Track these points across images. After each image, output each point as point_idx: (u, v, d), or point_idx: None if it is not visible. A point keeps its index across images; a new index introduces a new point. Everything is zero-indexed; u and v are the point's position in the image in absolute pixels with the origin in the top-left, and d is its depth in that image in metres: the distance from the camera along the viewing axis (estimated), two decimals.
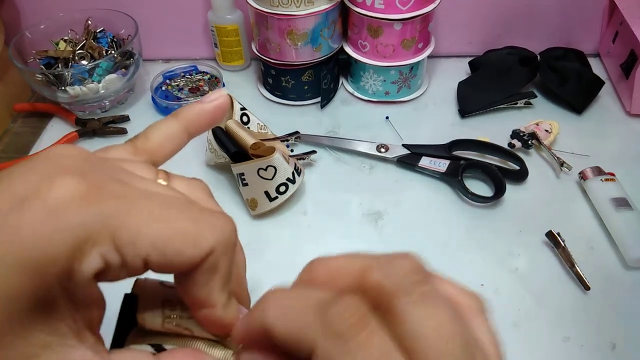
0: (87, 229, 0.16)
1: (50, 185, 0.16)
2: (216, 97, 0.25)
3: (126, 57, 0.58)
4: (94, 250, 0.16)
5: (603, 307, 0.39)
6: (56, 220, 0.15)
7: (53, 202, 0.15)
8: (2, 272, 0.14)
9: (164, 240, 0.17)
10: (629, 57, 0.55)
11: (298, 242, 0.44)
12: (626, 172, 0.48)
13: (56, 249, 0.15)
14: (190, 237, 0.17)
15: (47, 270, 0.15)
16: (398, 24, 0.52)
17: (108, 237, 0.16)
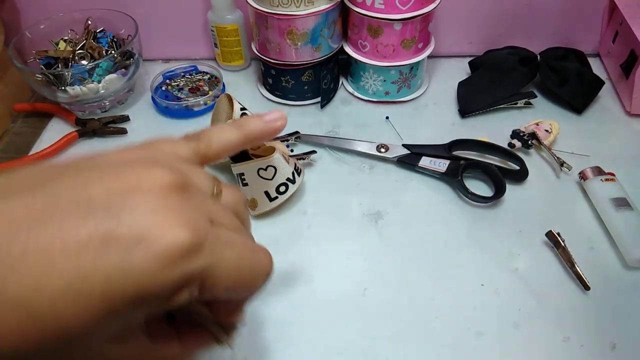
0: (190, 277, 0.19)
1: (164, 232, 0.18)
2: (278, 118, 0.27)
3: (126, 57, 0.58)
4: (187, 290, 0.19)
5: (603, 307, 0.39)
6: (171, 267, 0.18)
7: (170, 248, 0.18)
8: (118, 299, 0.17)
9: (235, 288, 0.21)
10: (629, 57, 0.55)
11: (298, 242, 0.44)
12: (626, 172, 0.48)
13: (162, 291, 0.18)
14: (251, 284, 0.22)
15: (149, 303, 0.18)
16: (398, 24, 0.52)
17: (199, 283, 0.19)
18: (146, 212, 0.18)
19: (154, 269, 0.17)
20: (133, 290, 0.17)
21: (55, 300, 0.16)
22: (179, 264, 0.18)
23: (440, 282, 0.41)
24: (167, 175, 0.19)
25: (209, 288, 0.20)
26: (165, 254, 0.18)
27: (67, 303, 0.16)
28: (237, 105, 0.48)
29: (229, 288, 0.21)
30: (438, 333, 0.38)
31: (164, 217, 0.18)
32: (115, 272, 0.17)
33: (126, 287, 0.17)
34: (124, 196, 0.18)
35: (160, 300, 0.18)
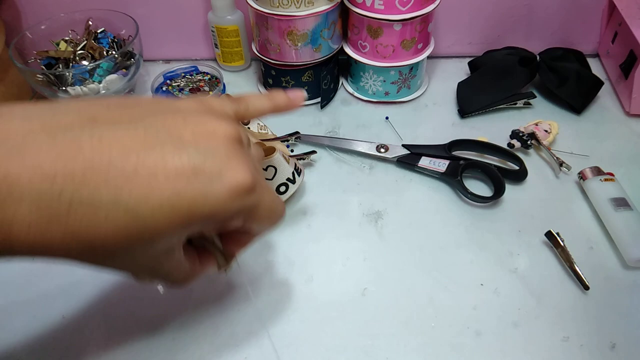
0: (245, 209, 0.25)
1: (237, 166, 0.24)
2: (300, 96, 0.32)
3: (127, 58, 0.58)
4: (238, 219, 0.25)
5: (602, 307, 0.39)
6: (236, 199, 0.23)
7: (238, 185, 0.23)
8: (197, 216, 0.23)
9: (261, 228, 0.28)
10: (628, 58, 0.56)
11: (298, 242, 0.45)
12: (625, 172, 0.48)
13: (226, 215, 0.24)
14: (271, 227, 0.29)
15: (215, 223, 0.24)
16: (398, 25, 0.52)
17: (246, 216, 0.25)
18: (223, 156, 0.23)
19: (225, 198, 0.23)
20: (208, 211, 0.23)
21: (155, 209, 0.21)
22: (242, 197, 0.24)
23: (439, 281, 0.41)
24: (233, 128, 0.24)
25: (250, 220, 0.26)
26: (235, 188, 0.23)
27: (163, 213, 0.22)
28: None
29: (261, 221, 0.27)
30: (437, 333, 0.38)
31: (236, 162, 0.24)
32: (199, 196, 0.22)
33: (204, 208, 0.22)
34: (206, 139, 0.23)
35: (221, 222, 0.24)
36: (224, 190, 0.23)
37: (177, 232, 0.23)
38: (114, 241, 0.21)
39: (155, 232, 0.22)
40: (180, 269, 0.27)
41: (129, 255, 0.23)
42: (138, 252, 0.23)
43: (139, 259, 0.24)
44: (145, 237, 0.22)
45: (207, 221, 0.23)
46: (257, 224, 0.27)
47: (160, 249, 0.24)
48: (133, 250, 0.23)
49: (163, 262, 0.25)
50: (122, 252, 0.22)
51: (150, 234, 0.22)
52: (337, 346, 0.37)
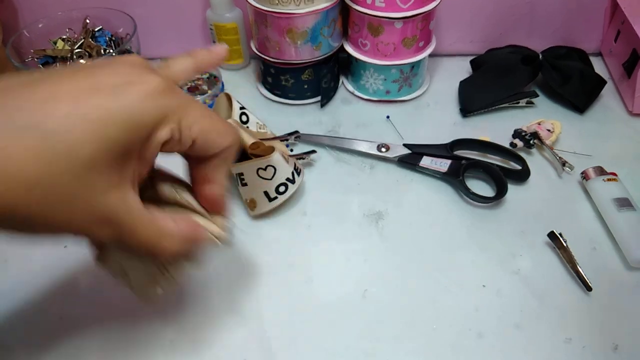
0: (167, 110, 0.24)
1: (146, 77, 0.24)
2: (222, 51, 0.32)
3: None
4: (167, 125, 0.24)
5: (605, 308, 0.39)
6: (151, 100, 0.23)
7: (149, 88, 0.23)
8: (114, 124, 0.22)
9: (208, 130, 0.26)
10: (631, 57, 0.55)
11: (298, 243, 0.44)
12: (628, 172, 0.48)
13: (148, 118, 0.23)
14: (222, 133, 0.27)
15: (140, 130, 0.23)
16: (399, 23, 0.52)
17: (177, 119, 0.24)
18: (135, 73, 0.24)
19: (137, 99, 0.23)
20: (124, 114, 0.22)
21: (65, 121, 0.21)
22: (155, 97, 0.23)
23: (441, 282, 0.41)
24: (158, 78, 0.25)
25: (186, 128, 0.25)
26: (146, 90, 0.23)
27: (75, 123, 0.21)
28: (236, 104, 0.47)
29: (204, 130, 0.26)
30: (439, 334, 0.38)
31: (147, 73, 0.24)
32: (110, 102, 0.22)
33: (119, 111, 0.22)
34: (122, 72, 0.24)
35: (146, 130, 0.23)
36: (134, 93, 0.23)
37: (104, 155, 0.22)
38: (35, 170, 0.21)
39: (73, 150, 0.21)
40: (144, 222, 0.25)
41: (64, 198, 0.22)
42: (70, 189, 0.22)
43: (80, 205, 0.22)
44: (64, 157, 0.21)
45: (128, 130, 0.23)
46: (202, 134, 0.26)
47: (97, 184, 0.22)
48: (62, 186, 0.21)
49: (115, 210, 0.24)
50: (49, 190, 0.21)
51: (68, 152, 0.21)
52: (338, 348, 0.37)
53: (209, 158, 0.28)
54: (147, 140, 0.24)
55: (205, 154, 0.27)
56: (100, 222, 0.23)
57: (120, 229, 0.24)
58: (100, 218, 0.23)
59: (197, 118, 0.25)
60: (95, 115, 0.22)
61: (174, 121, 0.24)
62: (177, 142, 0.25)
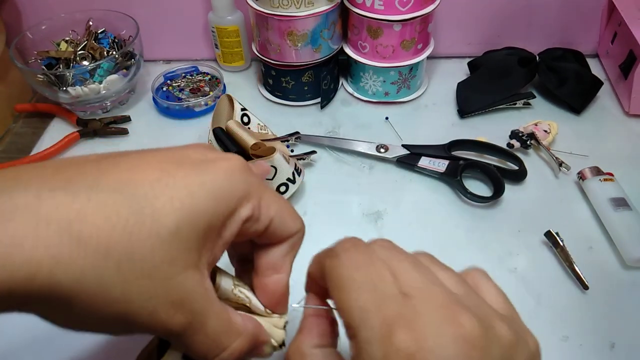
0: (250, 187, 0.23)
1: (228, 155, 0.24)
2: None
3: (127, 58, 0.58)
4: (249, 202, 0.23)
5: (602, 307, 0.39)
6: (237, 175, 0.23)
7: (234, 164, 0.23)
8: (201, 195, 0.21)
9: (283, 212, 0.25)
10: (627, 58, 0.56)
11: None
12: (625, 172, 0.48)
13: (235, 192, 0.22)
14: (295, 216, 0.26)
15: (226, 203, 0.22)
16: (397, 25, 0.53)
17: (257, 197, 0.23)
18: (218, 153, 0.24)
19: (225, 174, 0.22)
20: (213, 188, 0.21)
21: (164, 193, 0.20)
22: (242, 174, 0.23)
23: None
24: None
25: (265, 207, 0.24)
26: (232, 166, 0.23)
27: (172, 194, 0.20)
28: (237, 105, 0.48)
29: (280, 210, 0.25)
30: None
31: (227, 153, 0.24)
32: (201, 177, 0.21)
33: (208, 186, 0.21)
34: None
35: (233, 203, 0.22)
36: (221, 168, 0.22)
37: (189, 227, 0.20)
38: (115, 236, 0.18)
39: (160, 217, 0.19)
40: (217, 311, 0.22)
41: (142, 270, 0.19)
42: (149, 260, 0.19)
43: (157, 280, 0.19)
44: (149, 224, 0.19)
45: (216, 202, 0.21)
46: (279, 214, 0.24)
47: (178, 259, 0.20)
48: (142, 255, 0.19)
49: (192, 292, 0.21)
50: (126, 259, 0.19)
51: (154, 218, 0.19)
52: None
53: (278, 244, 0.26)
54: (230, 216, 0.22)
55: (279, 238, 0.25)
56: (174, 305, 0.20)
57: (192, 317, 0.21)
58: (174, 300, 0.20)
59: (274, 198, 0.25)
60: (182, 184, 0.21)
61: (256, 198, 0.23)
62: (256, 221, 0.24)
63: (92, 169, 0.21)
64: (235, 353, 0.23)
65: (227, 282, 0.24)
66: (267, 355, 0.25)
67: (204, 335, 0.22)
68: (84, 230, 0.18)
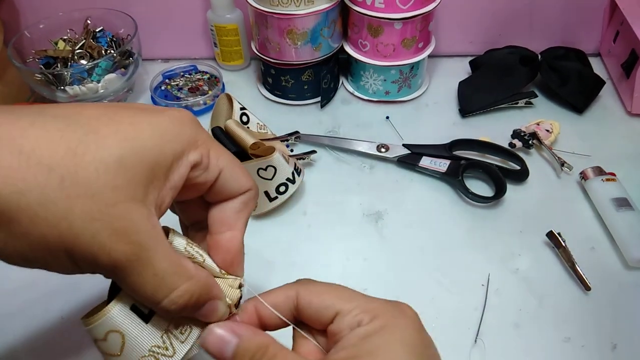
0: (199, 136, 0.24)
1: (176, 109, 0.24)
2: None
3: (125, 57, 0.58)
4: (197, 149, 0.24)
5: (604, 307, 0.39)
6: (188, 123, 0.24)
7: (185, 115, 0.24)
8: (147, 131, 0.22)
9: (233, 165, 0.25)
10: (629, 57, 0.55)
11: (298, 242, 0.44)
12: (627, 172, 0.48)
13: (181, 137, 0.23)
14: (247, 174, 0.26)
15: (172, 143, 0.22)
16: (398, 23, 0.52)
17: (206, 146, 0.24)
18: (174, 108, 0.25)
19: (174, 120, 0.23)
20: (160, 127, 0.22)
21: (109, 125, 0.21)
22: (192, 124, 0.24)
23: (440, 282, 0.41)
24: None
25: (214, 157, 0.24)
26: (182, 115, 0.24)
27: (117, 127, 0.21)
28: (236, 104, 0.48)
29: (230, 164, 0.25)
30: (438, 333, 0.38)
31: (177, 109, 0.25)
32: (149, 118, 0.22)
33: (155, 125, 0.22)
34: None
35: (180, 145, 0.23)
36: (172, 114, 0.23)
37: (134, 159, 0.20)
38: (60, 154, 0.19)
39: (104, 143, 0.20)
40: (165, 251, 0.21)
41: (86, 191, 0.19)
42: (93, 184, 0.19)
43: (100, 205, 0.19)
44: (93, 148, 0.19)
45: (162, 140, 0.22)
46: (229, 167, 0.25)
47: (122, 189, 0.20)
48: (86, 179, 0.19)
49: (137, 224, 0.20)
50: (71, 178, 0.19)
51: (98, 143, 0.20)
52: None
53: (230, 200, 0.26)
54: (178, 158, 0.22)
55: (230, 192, 0.26)
56: (118, 233, 0.20)
57: (138, 250, 0.20)
58: (118, 228, 0.20)
59: (225, 152, 0.25)
60: (128, 120, 0.21)
61: (204, 147, 0.24)
62: (205, 169, 0.24)
63: (42, 106, 0.21)
64: (185, 296, 0.22)
65: (179, 241, 0.24)
66: (221, 314, 0.25)
67: (151, 272, 0.21)
68: (25, 144, 0.18)
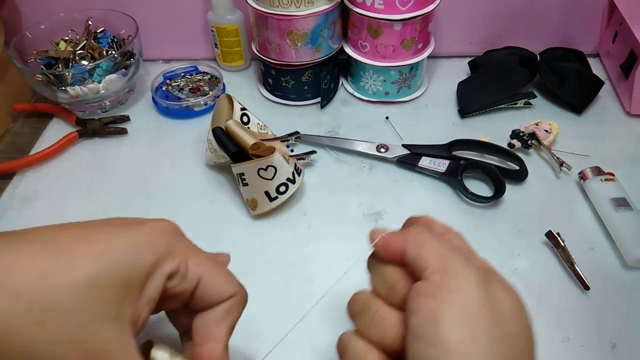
0: (175, 246, 0.24)
1: (157, 219, 0.25)
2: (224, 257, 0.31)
3: (126, 58, 0.58)
4: (174, 259, 0.24)
5: (603, 307, 0.39)
6: (161, 234, 0.24)
7: (162, 225, 0.24)
8: (120, 246, 0.22)
9: (214, 273, 0.25)
10: (628, 58, 0.55)
11: (298, 242, 0.45)
12: (626, 172, 0.48)
13: (156, 247, 0.23)
14: (230, 280, 0.26)
15: (146, 256, 0.22)
16: (398, 25, 0.52)
17: (184, 256, 0.24)
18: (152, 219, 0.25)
19: (149, 232, 0.23)
20: (133, 241, 0.22)
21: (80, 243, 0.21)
22: (168, 234, 0.24)
23: None
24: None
25: (193, 266, 0.24)
26: (158, 226, 0.24)
27: (90, 247, 0.21)
28: (237, 105, 0.48)
29: (210, 271, 0.25)
30: None
31: (158, 219, 0.25)
32: (122, 232, 0.23)
33: (128, 239, 0.22)
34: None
35: (154, 256, 0.23)
36: (146, 227, 0.23)
37: (106, 277, 0.20)
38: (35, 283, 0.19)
39: (76, 264, 0.20)
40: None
41: (58, 316, 0.19)
42: (65, 306, 0.19)
43: (71, 327, 0.19)
44: (65, 270, 0.20)
45: (135, 254, 0.22)
46: (209, 274, 0.24)
47: (94, 308, 0.20)
48: (58, 303, 0.19)
49: (108, 343, 0.20)
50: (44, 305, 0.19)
51: (70, 265, 0.20)
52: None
53: (213, 308, 0.25)
54: (153, 271, 0.23)
55: (211, 300, 0.25)
56: (88, 355, 0.20)
57: None
58: (88, 350, 0.20)
59: (204, 260, 0.25)
60: (103, 237, 0.22)
61: (182, 255, 0.24)
62: (182, 278, 0.24)
63: (21, 230, 0.22)
64: None
65: (162, 355, 0.24)
66: None
67: None
68: (8, 281, 0.19)
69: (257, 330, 0.38)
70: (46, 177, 0.52)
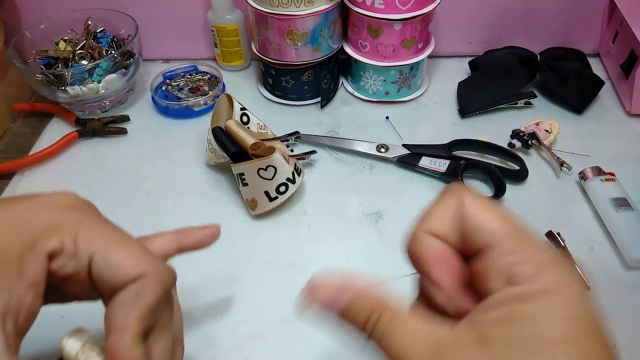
0: (61, 219, 0.21)
1: (55, 193, 0.23)
2: (212, 229, 0.29)
3: (126, 57, 0.58)
4: (57, 235, 0.21)
5: (603, 307, 0.39)
6: (43, 208, 0.21)
7: (49, 199, 0.22)
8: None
9: (114, 248, 0.21)
10: (629, 57, 0.55)
11: (298, 242, 0.44)
12: (626, 172, 0.48)
13: (32, 223, 0.21)
14: (135, 257, 0.21)
15: (17, 234, 0.20)
16: (398, 24, 0.52)
17: (72, 230, 0.21)
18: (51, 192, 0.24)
19: (35, 204, 0.22)
20: (8, 213, 0.21)
21: None
22: (59, 207, 0.22)
23: None
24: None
25: (85, 240, 0.21)
26: (50, 199, 0.22)
27: None
28: (237, 105, 0.48)
29: (108, 246, 0.21)
30: None
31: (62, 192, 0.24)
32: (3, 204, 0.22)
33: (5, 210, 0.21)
34: None
35: (32, 231, 0.20)
36: (28, 200, 0.21)
37: None
38: None
39: None
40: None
41: None
42: None
43: None
44: None
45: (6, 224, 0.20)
46: (104, 250, 0.21)
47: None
48: None
49: None
50: None
51: None
52: (338, 346, 0.37)
53: (118, 292, 0.21)
54: (29, 249, 0.20)
55: (111, 282, 0.21)
56: None
57: None
58: None
59: (103, 234, 0.21)
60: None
61: (69, 231, 0.21)
62: (70, 257, 0.20)
63: None
64: None
65: (74, 344, 0.21)
66: None
67: None
68: None
69: (258, 329, 0.38)
70: (46, 177, 0.52)
